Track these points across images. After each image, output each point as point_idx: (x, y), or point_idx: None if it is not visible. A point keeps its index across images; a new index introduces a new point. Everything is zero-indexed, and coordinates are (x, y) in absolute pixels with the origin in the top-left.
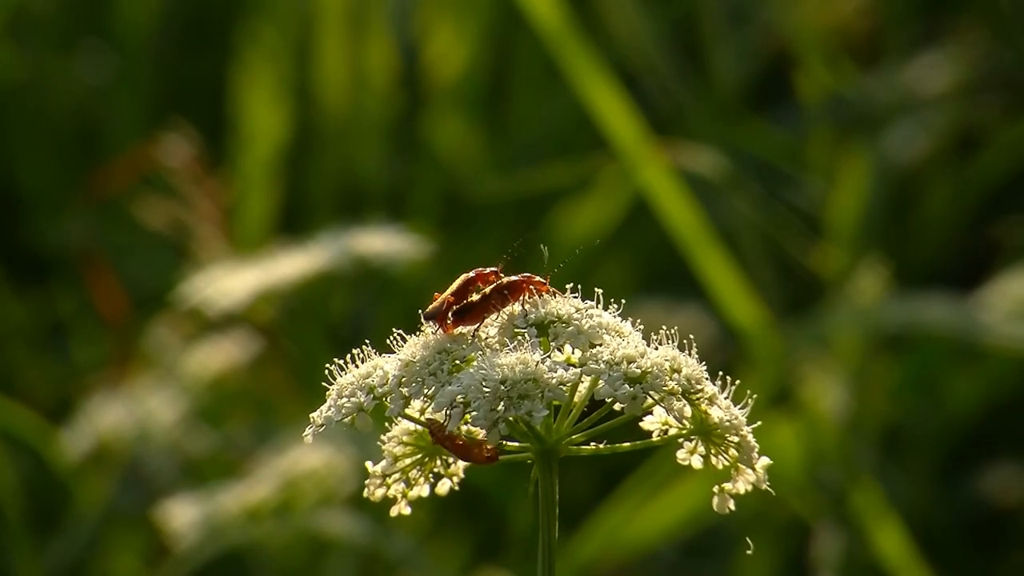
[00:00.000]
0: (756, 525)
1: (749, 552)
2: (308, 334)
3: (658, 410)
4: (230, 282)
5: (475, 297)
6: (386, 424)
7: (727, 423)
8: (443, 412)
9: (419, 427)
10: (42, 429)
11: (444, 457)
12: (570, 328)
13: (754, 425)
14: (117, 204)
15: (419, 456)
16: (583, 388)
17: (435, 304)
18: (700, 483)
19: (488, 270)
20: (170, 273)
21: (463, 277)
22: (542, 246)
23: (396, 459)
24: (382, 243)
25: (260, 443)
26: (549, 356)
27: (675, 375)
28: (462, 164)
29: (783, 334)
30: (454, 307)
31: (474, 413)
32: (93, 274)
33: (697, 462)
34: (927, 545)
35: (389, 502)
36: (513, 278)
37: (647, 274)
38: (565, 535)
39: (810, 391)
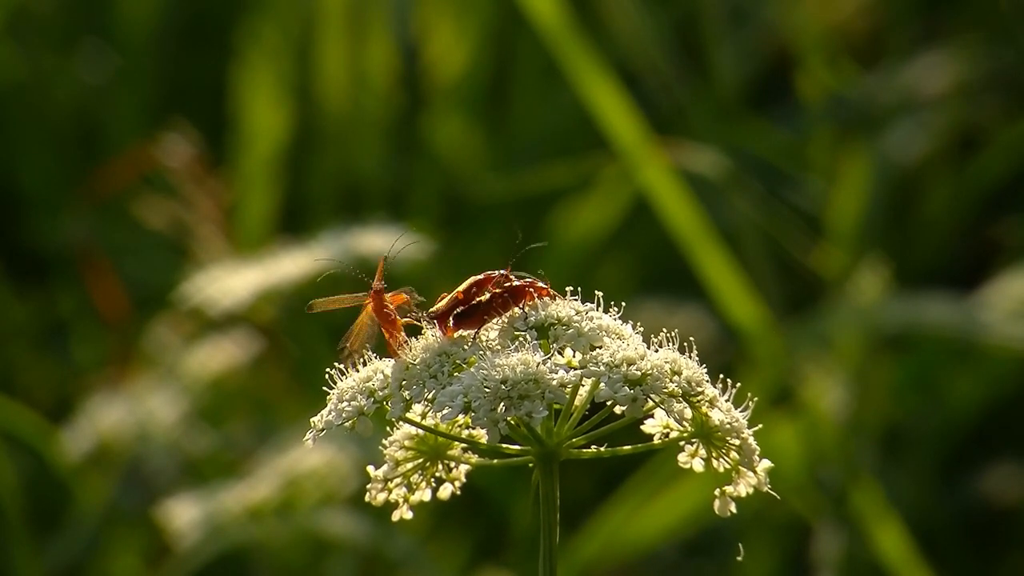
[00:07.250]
0: (756, 525)
1: (740, 559)
2: (308, 334)
3: (659, 413)
4: (231, 282)
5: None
6: (388, 429)
7: (728, 426)
8: (441, 412)
9: (420, 431)
10: (42, 429)
11: (446, 462)
12: (570, 331)
13: (755, 428)
14: (117, 204)
15: (421, 460)
16: (584, 391)
17: (440, 305)
18: (701, 483)
19: (496, 273)
20: (170, 273)
21: (471, 279)
22: (540, 272)
23: (398, 463)
24: (383, 243)
25: (260, 443)
26: (550, 358)
27: (676, 377)
28: (462, 164)
29: (783, 334)
30: (456, 310)
31: (474, 413)
32: (93, 274)
33: (698, 465)
34: (927, 545)
35: (390, 502)
36: (516, 283)
37: (647, 274)
38: (566, 534)
39: (810, 391)
